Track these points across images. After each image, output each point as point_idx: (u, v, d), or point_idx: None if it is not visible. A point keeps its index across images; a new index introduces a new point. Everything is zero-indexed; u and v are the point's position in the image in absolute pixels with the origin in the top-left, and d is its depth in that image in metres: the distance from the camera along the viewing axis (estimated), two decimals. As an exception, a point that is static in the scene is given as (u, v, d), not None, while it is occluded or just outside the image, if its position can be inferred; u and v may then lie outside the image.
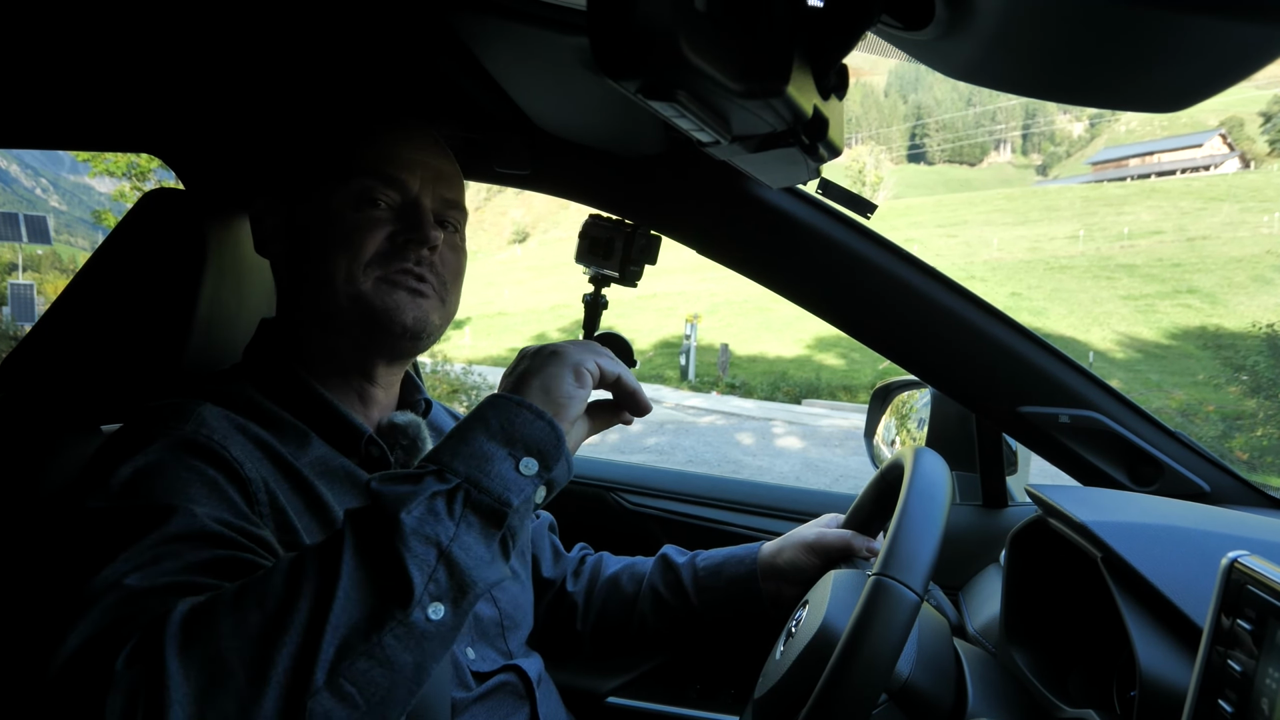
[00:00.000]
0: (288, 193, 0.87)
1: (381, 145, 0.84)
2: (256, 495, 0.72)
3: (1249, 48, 0.44)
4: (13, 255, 24.71)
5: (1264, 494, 1.11)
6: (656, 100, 0.49)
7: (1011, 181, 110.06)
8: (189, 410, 0.74)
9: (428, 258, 0.83)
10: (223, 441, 0.72)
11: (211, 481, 0.69)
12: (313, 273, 0.82)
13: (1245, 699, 0.54)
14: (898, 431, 1.46)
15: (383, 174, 0.82)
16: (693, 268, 24.32)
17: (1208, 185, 37.86)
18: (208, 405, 0.76)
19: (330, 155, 0.85)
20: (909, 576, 0.70)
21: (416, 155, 0.85)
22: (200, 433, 0.71)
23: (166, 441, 0.70)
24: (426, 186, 0.85)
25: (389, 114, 0.88)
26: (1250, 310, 18.08)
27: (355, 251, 0.81)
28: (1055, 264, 27.07)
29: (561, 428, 0.66)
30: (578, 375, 0.70)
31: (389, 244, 0.82)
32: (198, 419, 0.73)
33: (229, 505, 0.68)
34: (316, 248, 0.82)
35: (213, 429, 0.73)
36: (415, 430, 0.88)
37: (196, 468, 0.69)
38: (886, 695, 0.79)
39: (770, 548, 1.09)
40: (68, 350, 0.96)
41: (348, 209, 0.82)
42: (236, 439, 0.74)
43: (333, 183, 0.83)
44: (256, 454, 0.75)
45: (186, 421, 0.72)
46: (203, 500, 0.66)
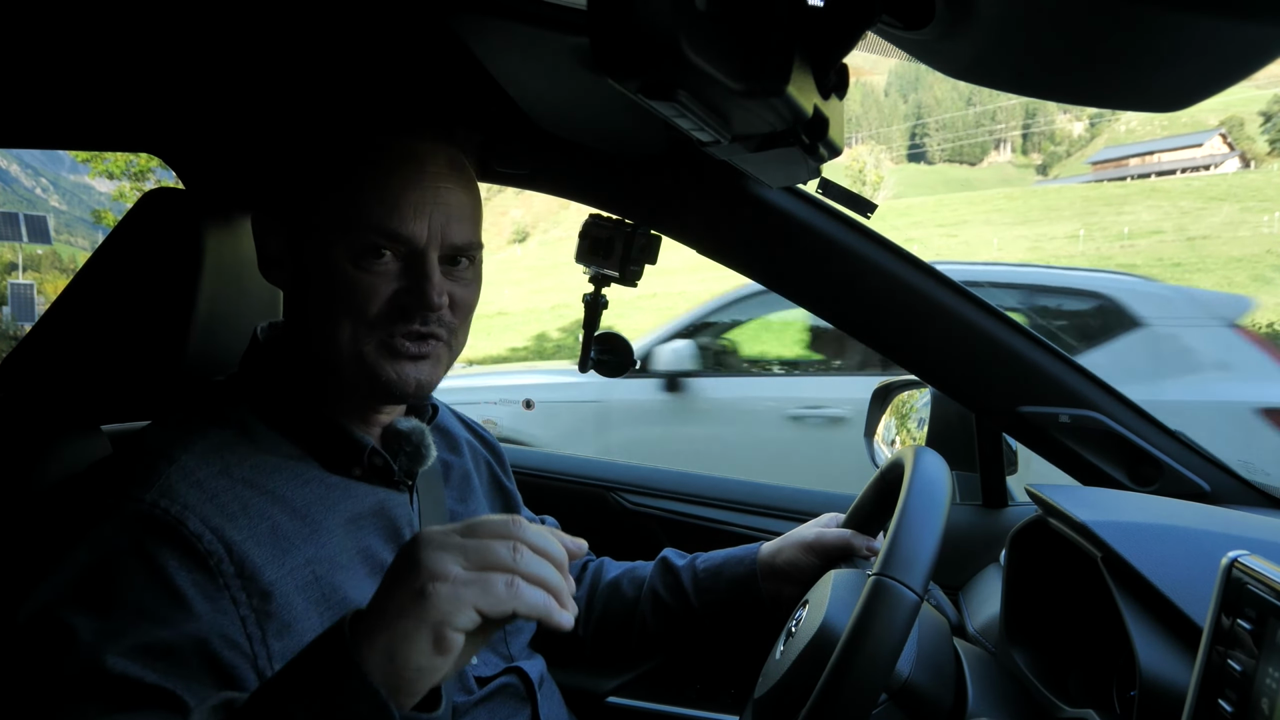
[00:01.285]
0: (289, 218, 0.81)
1: (389, 190, 0.76)
2: (219, 569, 0.68)
3: (1249, 48, 0.44)
4: (13, 255, 24.70)
5: (1264, 493, 1.11)
6: (657, 100, 0.49)
7: (1012, 181, 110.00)
8: (157, 472, 0.70)
9: (433, 317, 0.78)
10: (180, 515, 0.68)
11: (158, 578, 0.65)
12: (315, 323, 0.80)
13: (1245, 698, 0.54)
14: (898, 431, 1.46)
15: (387, 230, 0.76)
16: (693, 268, 24.28)
17: (1208, 185, 37.86)
18: (186, 456, 0.72)
19: (334, 200, 0.77)
20: (909, 576, 0.70)
21: (425, 196, 0.77)
22: (159, 504, 0.68)
23: (120, 521, 0.67)
24: (435, 234, 0.77)
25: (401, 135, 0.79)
26: (1250, 310, 18.06)
27: (357, 313, 0.76)
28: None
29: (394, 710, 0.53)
30: (437, 642, 0.53)
31: (390, 305, 0.77)
32: (164, 484, 0.69)
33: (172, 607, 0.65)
34: (318, 298, 0.79)
35: (174, 497, 0.69)
36: (419, 437, 0.86)
37: (146, 557, 0.66)
38: (886, 695, 0.79)
39: (769, 548, 1.09)
40: (68, 350, 0.96)
41: (348, 264, 0.76)
42: (200, 507, 0.69)
43: (335, 229, 0.77)
44: (237, 501, 0.72)
45: (150, 488, 0.69)
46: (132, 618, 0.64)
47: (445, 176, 0.79)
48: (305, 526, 0.75)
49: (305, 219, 0.79)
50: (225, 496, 0.71)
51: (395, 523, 0.84)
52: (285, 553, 0.72)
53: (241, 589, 0.69)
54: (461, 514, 0.97)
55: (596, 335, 1.21)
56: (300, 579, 0.73)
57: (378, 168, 0.77)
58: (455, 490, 0.98)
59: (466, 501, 0.99)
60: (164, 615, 0.65)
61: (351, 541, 0.79)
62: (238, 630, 0.68)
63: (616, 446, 3.97)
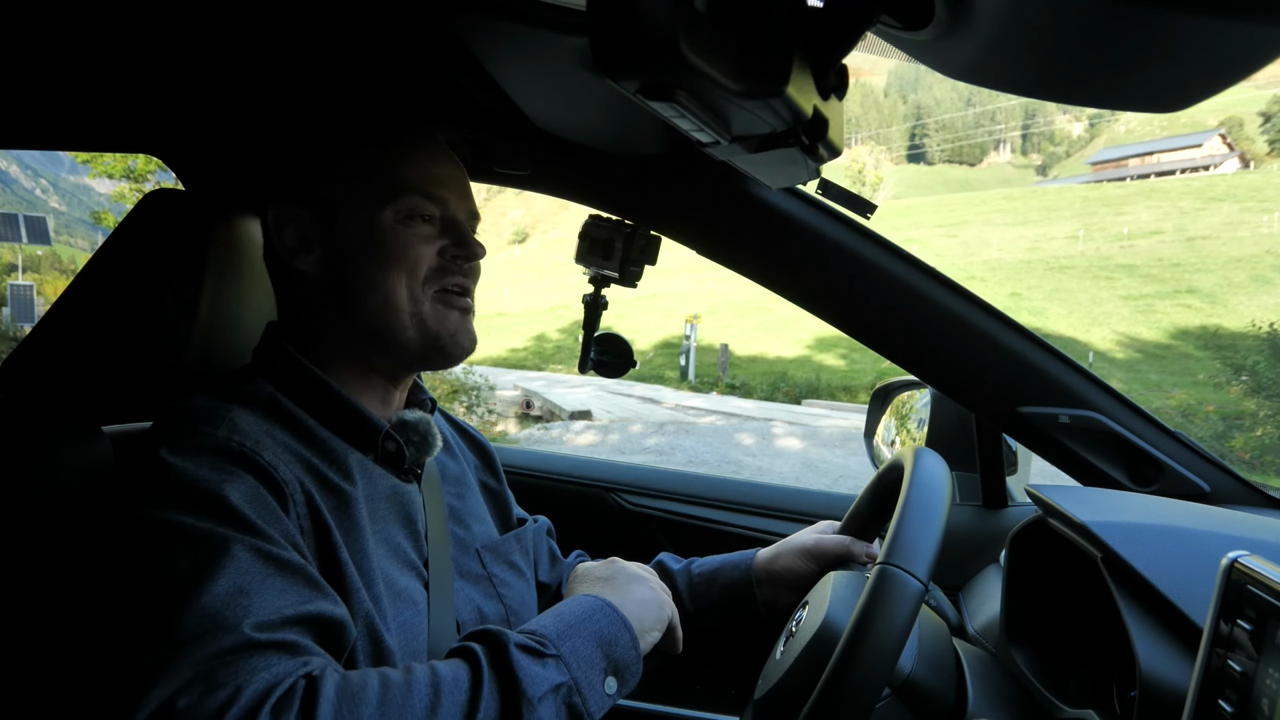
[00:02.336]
0: (318, 203, 0.86)
1: (422, 162, 0.87)
2: (293, 498, 0.73)
3: (1249, 48, 0.44)
4: (12, 256, 24.72)
5: (1264, 494, 1.11)
6: (656, 101, 0.49)
7: (1011, 181, 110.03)
8: (219, 414, 0.74)
9: (472, 269, 0.88)
10: (254, 448, 0.72)
11: (254, 493, 0.70)
12: (366, 287, 0.83)
13: (1245, 699, 0.54)
14: (898, 432, 1.46)
15: (427, 191, 0.85)
16: (693, 268, 24.33)
17: (1207, 185, 37.87)
18: (237, 409, 0.76)
19: (375, 170, 0.85)
20: (913, 564, 0.70)
21: (448, 169, 0.89)
22: (233, 439, 0.72)
23: (204, 446, 0.71)
24: (459, 201, 0.89)
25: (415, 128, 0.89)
26: (1250, 310, 18.09)
27: (413, 268, 0.84)
28: (1055, 264, 27.07)
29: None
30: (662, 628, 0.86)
31: (439, 259, 0.86)
32: (229, 424, 0.74)
33: (275, 519, 0.70)
34: (368, 263, 0.83)
35: (245, 434, 0.73)
36: (426, 427, 0.89)
37: (240, 477, 0.70)
38: (889, 690, 0.79)
39: (766, 554, 1.09)
40: (68, 351, 0.96)
41: (399, 225, 0.84)
42: (268, 444, 0.75)
43: (381, 197, 0.84)
44: (287, 457, 0.76)
45: (218, 426, 0.73)
46: (256, 516, 0.68)
47: (454, 161, 0.91)
48: (334, 497, 0.78)
49: (343, 195, 0.85)
50: (279, 450, 0.76)
51: (410, 511, 0.86)
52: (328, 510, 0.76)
53: (308, 518, 0.74)
54: (460, 509, 0.97)
55: (596, 336, 1.21)
56: (341, 536, 0.76)
57: (407, 142, 0.87)
58: (452, 487, 0.99)
59: (464, 498, 0.99)
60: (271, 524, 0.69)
61: (374, 523, 0.82)
62: (311, 553, 0.73)
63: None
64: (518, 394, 13.64)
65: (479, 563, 0.94)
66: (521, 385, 14.62)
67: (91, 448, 0.93)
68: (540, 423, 12.22)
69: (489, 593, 0.93)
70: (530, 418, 12.73)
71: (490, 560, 0.96)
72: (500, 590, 0.94)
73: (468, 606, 0.89)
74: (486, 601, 0.92)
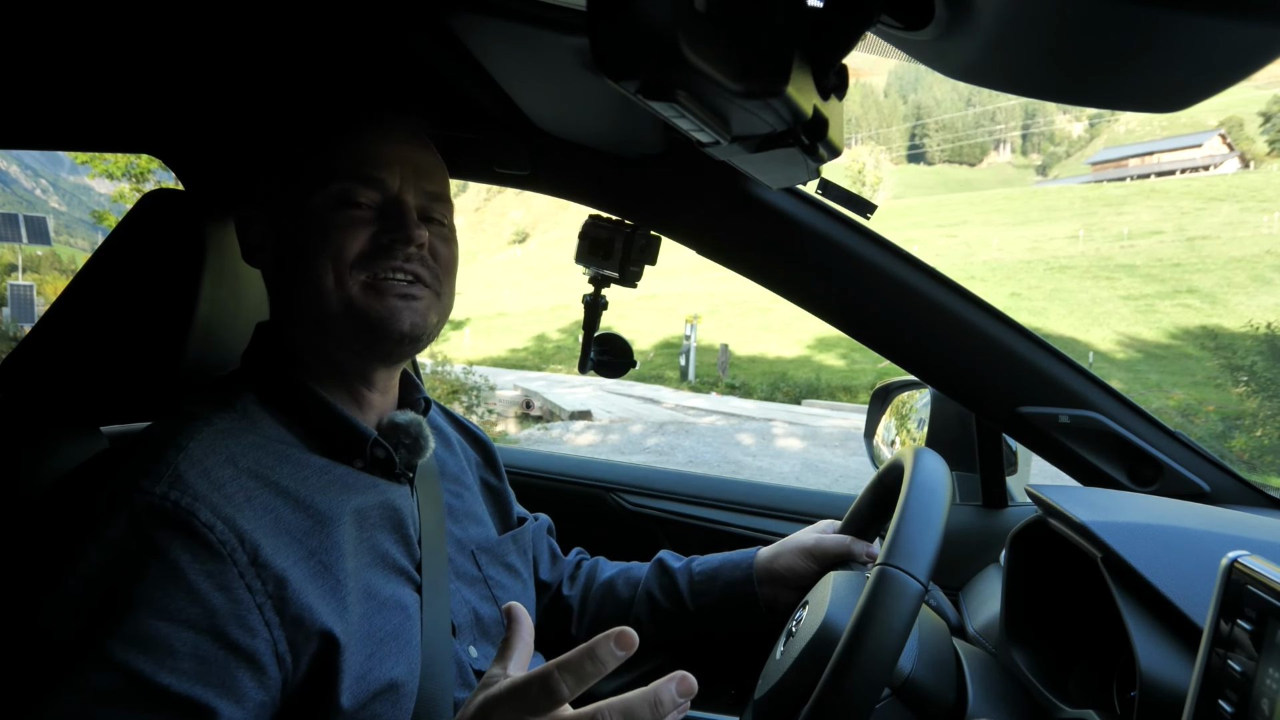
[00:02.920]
0: (267, 199, 0.85)
1: (358, 144, 0.82)
2: (232, 558, 0.68)
3: (1249, 48, 0.44)
4: (13, 256, 24.71)
5: (1264, 494, 1.10)
6: (656, 100, 0.49)
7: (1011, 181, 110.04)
8: (165, 462, 0.70)
9: (416, 254, 0.82)
10: (191, 505, 0.68)
11: (174, 574, 0.66)
12: (300, 278, 0.81)
13: (1245, 699, 0.54)
14: (898, 432, 1.46)
15: (360, 174, 0.81)
16: (693, 268, 24.33)
17: (1207, 185, 37.87)
18: (193, 444, 0.72)
19: (307, 158, 0.83)
20: (913, 565, 0.69)
21: (394, 150, 0.83)
22: (169, 496, 0.68)
23: (130, 516, 0.68)
24: (408, 183, 0.83)
25: (364, 109, 0.86)
26: (1250, 310, 18.08)
27: (337, 252, 0.79)
28: (1055, 264, 27.08)
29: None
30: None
31: (372, 244, 0.81)
32: (172, 475, 0.69)
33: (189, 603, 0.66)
34: (300, 252, 0.81)
35: (186, 486, 0.69)
36: (417, 429, 0.87)
37: (159, 553, 0.66)
38: (890, 690, 0.79)
39: (767, 553, 1.08)
40: (68, 350, 0.96)
41: (327, 211, 0.80)
42: (218, 487, 0.70)
43: (311, 186, 0.81)
44: (243, 492, 0.72)
45: (159, 479, 0.69)
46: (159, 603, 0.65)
47: (410, 141, 0.86)
48: (309, 519, 0.75)
49: (282, 193, 0.84)
50: (231, 487, 0.71)
51: (400, 516, 0.84)
52: (291, 545, 0.72)
53: (256, 577, 0.69)
54: (458, 508, 0.97)
55: (596, 336, 1.21)
56: (309, 569, 0.73)
57: (347, 130, 0.83)
58: (451, 485, 0.98)
59: (462, 497, 0.99)
60: (183, 612, 0.65)
61: (360, 534, 0.79)
62: (256, 618, 0.68)
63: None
64: (518, 394, 13.65)
65: (474, 564, 0.94)
66: (521, 385, 14.62)
67: (90, 447, 0.93)
68: (540, 423, 12.22)
69: (484, 595, 0.93)
70: (530, 418, 12.73)
71: (486, 562, 0.95)
72: (496, 593, 0.94)
73: (463, 609, 0.89)
74: (482, 604, 0.92)
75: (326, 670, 0.71)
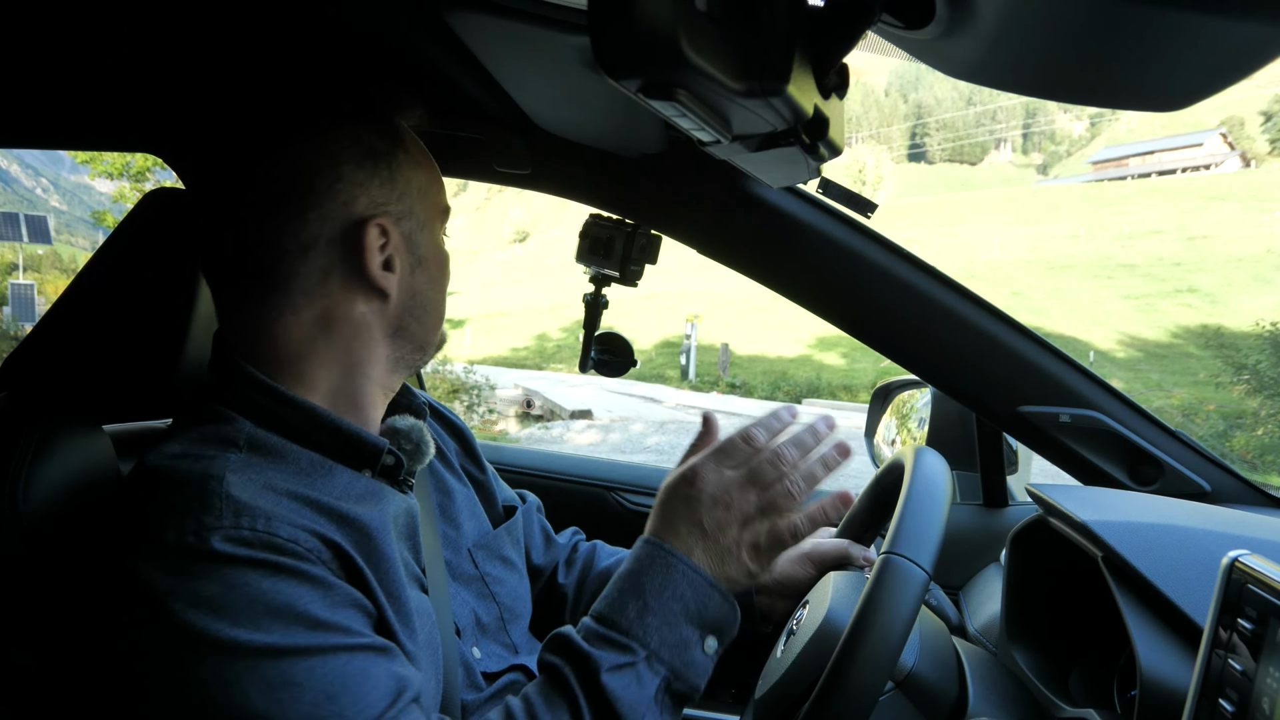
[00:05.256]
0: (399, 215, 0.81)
1: (437, 175, 0.89)
2: (321, 559, 0.68)
3: (1249, 48, 0.44)
4: (13, 255, 24.73)
5: (1265, 493, 1.11)
6: (657, 100, 0.49)
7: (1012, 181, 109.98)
8: (218, 496, 0.66)
9: None
10: (268, 525, 0.65)
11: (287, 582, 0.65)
12: (429, 301, 0.85)
13: (1246, 699, 0.54)
14: (898, 431, 1.46)
15: (446, 209, 0.89)
16: (693, 267, 24.32)
17: (1208, 184, 37.86)
18: (229, 475, 0.68)
19: (435, 189, 0.87)
20: (917, 554, 0.69)
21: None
22: (242, 524, 0.64)
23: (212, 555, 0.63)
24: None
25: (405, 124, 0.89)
26: (1251, 309, 18.07)
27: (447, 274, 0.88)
28: (1056, 263, 27.07)
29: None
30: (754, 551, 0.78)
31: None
32: (234, 506, 0.65)
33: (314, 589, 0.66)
34: (436, 276, 0.86)
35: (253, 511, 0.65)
36: (418, 434, 0.85)
37: (266, 573, 0.64)
38: (893, 684, 0.79)
39: None
40: (69, 349, 0.96)
41: (441, 244, 0.88)
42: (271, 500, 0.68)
43: (424, 218, 0.84)
44: (296, 513, 0.69)
45: (223, 514, 0.65)
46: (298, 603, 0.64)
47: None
48: (356, 532, 0.72)
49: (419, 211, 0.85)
50: (283, 507, 0.69)
51: (412, 523, 0.83)
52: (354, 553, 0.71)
53: (341, 570, 0.70)
54: (448, 506, 0.95)
55: (597, 335, 1.21)
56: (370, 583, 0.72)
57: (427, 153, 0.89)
58: (438, 483, 0.97)
59: (451, 495, 0.97)
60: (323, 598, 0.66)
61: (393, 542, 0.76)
62: (365, 600, 0.70)
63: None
64: (518, 393, 13.65)
65: (471, 563, 0.93)
66: (522, 384, 14.62)
67: (92, 447, 0.93)
68: (541, 422, 12.22)
69: (482, 593, 0.92)
70: (531, 417, 12.74)
71: (483, 559, 0.94)
72: (494, 589, 0.93)
73: (464, 610, 0.89)
74: (479, 602, 0.91)
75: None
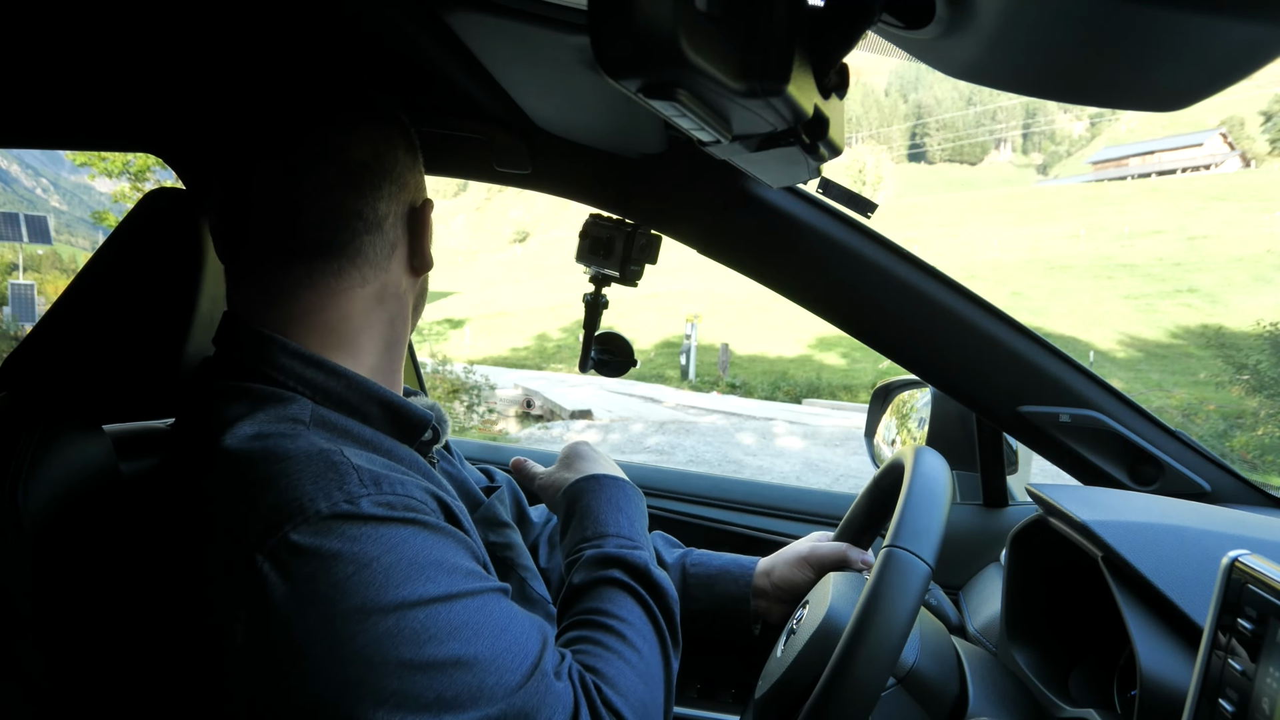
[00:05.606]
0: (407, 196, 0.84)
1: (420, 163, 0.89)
2: (454, 520, 0.71)
3: (1249, 48, 0.44)
4: (13, 255, 24.73)
5: (1265, 493, 1.11)
6: (657, 100, 0.49)
7: (1012, 181, 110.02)
8: (352, 469, 0.65)
9: None
10: (403, 491, 0.66)
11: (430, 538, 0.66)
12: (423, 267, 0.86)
13: (1246, 698, 0.54)
14: (898, 431, 1.46)
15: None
16: (693, 267, 24.33)
17: (1208, 184, 37.86)
18: (347, 450, 0.67)
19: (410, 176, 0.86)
20: (919, 547, 0.70)
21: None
22: (382, 495, 0.64)
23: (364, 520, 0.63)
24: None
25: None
26: (1251, 309, 18.07)
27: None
28: (1056, 263, 27.08)
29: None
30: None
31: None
32: (370, 478, 0.65)
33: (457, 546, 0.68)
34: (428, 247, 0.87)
35: (384, 483, 0.65)
36: (438, 412, 0.87)
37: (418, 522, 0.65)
38: (895, 679, 0.79)
39: (763, 566, 1.08)
40: (70, 349, 0.96)
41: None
42: (386, 467, 0.68)
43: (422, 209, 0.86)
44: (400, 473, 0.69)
45: (364, 484, 0.64)
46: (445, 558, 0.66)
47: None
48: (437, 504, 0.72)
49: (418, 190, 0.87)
50: (394, 472, 0.69)
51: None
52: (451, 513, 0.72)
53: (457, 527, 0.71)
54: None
55: (597, 335, 1.21)
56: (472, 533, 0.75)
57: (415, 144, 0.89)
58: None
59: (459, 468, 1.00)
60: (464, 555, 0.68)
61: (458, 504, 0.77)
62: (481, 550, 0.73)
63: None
64: (518, 393, 13.65)
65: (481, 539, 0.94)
66: (522, 384, 14.62)
67: (93, 447, 0.93)
68: (541, 422, 12.22)
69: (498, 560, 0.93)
70: (531, 417, 12.74)
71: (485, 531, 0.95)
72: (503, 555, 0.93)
73: None
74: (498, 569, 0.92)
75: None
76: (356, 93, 0.83)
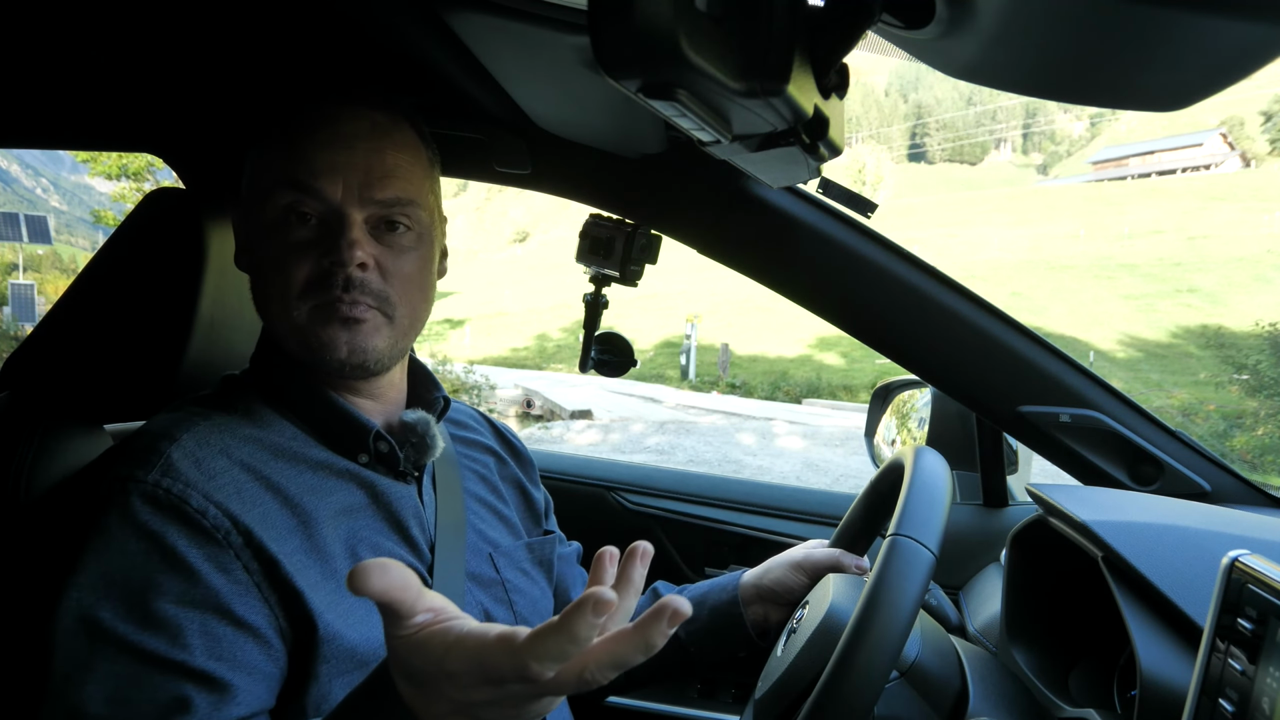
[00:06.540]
0: (236, 202, 0.85)
1: (300, 147, 0.77)
2: (228, 540, 0.71)
3: (1249, 48, 0.44)
4: (13, 255, 24.73)
5: (1265, 493, 1.11)
6: (657, 100, 0.49)
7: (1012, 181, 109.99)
8: (158, 452, 0.73)
9: (358, 278, 0.76)
10: (183, 491, 0.71)
11: (171, 557, 0.69)
12: (261, 295, 0.81)
13: (1246, 698, 0.54)
14: (898, 431, 1.46)
15: (298, 182, 0.76)
16: (694, 267, 24.32)
17: (1208, 184, 37.87)
18: (186, 436, 0.75)
19: (257, 167, 0.80)
20: (923, 535, 0.70)
21: (340, 158, 0.77)
22: (161, 484, 0.71)
23: (125, 506, 0.70)
24: (351, 192, 0.77)
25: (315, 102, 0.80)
26: (1251, 309, 18.06)
27: (287, 282, 0.77)
28: (1056, 263, 27.07)
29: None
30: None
31: (315, 268, 0.76)
32: (165, 464, 0.72)
33: (188, 579, 0.69)
34: (259, 269, 0.80)
35: (178, 474, 0.71)
36: (424, 428, 0.86)
37: (156, 538, 0.69)
38: (898, 673, 0.79)
39: (754, 573, 1.07)
40: (70, 349, 0.96)
41: (276, 229, 0.77)
42: (213, 469, 0.73)
43: (262, 194, 0.78)
44: (233, 484, 0.74)
45: (151, 468, 0.71)
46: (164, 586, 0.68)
47: (365, 138, 0.79)
48: (294, 517, 0.76)
49: (248, 196, 0.83)
50: (223, 478, 0.73)
51: (398, 514, 0.83)
52: (279, 537, 0.74)
53: (252, 559, 0.72)
54: (483, 512, 0.96)
55: (597, 335, 1.21)
56: (295, 563, 0.74)
57: (290, 131, 0.79)
58: (476, 487, 0.98)
59: (487, 501, 0.98)
60: (187, 594, 0.68)
61: (354, 531, 0.79)
62: (255, 595, 0.71)
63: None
64: (518, 393, 13.65)
65: (492, 566, 0.93)
66: (522, 384, 14.63)
67: (93, 446, 0.93)
68: (541, 422, 12.22)
69: (499, 597, 0.92)
70: (531, 417, 12.74)
71: (504, 565, 0.94)
72: (512, 596, 0.93)
73: (475, 610, 0.88)
74: (495, 605, 0.91)
75: (310, 658, 0.72)
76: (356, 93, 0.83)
